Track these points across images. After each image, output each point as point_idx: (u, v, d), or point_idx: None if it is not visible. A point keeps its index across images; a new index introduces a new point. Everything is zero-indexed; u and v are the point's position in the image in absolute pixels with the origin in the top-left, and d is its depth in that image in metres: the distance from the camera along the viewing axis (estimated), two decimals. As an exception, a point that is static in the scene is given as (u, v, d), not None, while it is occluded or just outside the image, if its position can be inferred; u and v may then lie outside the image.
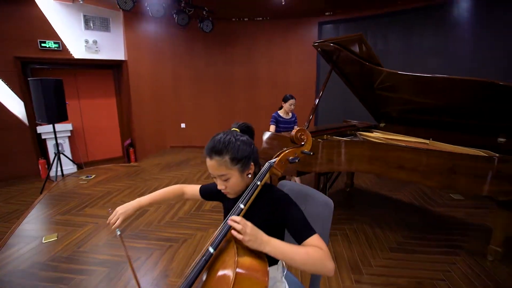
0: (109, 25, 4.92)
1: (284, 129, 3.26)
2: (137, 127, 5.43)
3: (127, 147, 5.56)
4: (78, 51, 4.69)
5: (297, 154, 0.99)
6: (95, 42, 4.79)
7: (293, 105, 3.25)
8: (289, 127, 3.29)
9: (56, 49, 4.45)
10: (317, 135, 2.72)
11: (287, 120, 3.32)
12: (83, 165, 4.85)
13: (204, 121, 5.87)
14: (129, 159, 5.54)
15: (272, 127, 3.25)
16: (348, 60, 2.56)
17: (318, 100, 2.74)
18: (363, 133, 2.88)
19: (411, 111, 2.74)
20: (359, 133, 2.91)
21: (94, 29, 4.77)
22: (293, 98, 3.23)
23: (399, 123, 2.98)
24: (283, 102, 3.28)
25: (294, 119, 3.38)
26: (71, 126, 4.96)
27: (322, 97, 2.77)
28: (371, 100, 3.00)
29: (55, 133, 4.02)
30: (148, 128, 5.55)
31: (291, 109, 3.28)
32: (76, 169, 4.80)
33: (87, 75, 5.23)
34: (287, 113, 3.33)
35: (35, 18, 4.25)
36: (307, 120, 2.67)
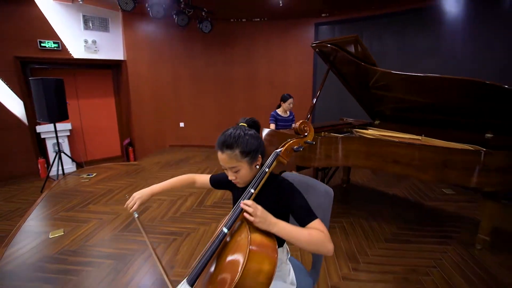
0: (108, 25, 4.96)
1: (282, 127, 3.37)
2: (136, 127, 5.48)
3: (126, 147, 5.61)
4: (77, 51, 4.73)
5: (301, 143, 1.09)
6: (94, 42, 4.84)
7: (291, 104, 3.37)
8: (287, 125, 3.40)
9: (55, 49, 4.49)
10: (315, 132, 2.81)
11: (285, 118, 3.42)
12: (84, 164, 4.88)
13: (203, 121, 5.93)
14: (128, 158, 5.59)
15: (272, 125, 3.36)
16: (344, 60, 2.66)
17: (316, 99, 2.84)
18: (359, 130, 2.99)
19: (404, 110, 2.86)
20: (355, 130, 3.02)
21: (93, 29, 4.82)
22: (291, 97, 3.35)
23: (392, 121, 3.09)
24: (281, 101, 3.39)
25: (292, 117, 3.49)
26: (70, 125, 5.00)
27: (319, 96, 2.87)
28: (366, 99, 3.10)
29: (56, 132, 4.05)
30: (147, 127, 5.61)
31: (290, 108, 3.40)
32: (75, 168, 4.84)
33: (86, 75, 5.27)
34: (286, 112, 3.44)
35: (34, 18, 4.28)
36: (305, 118, 2.77)
